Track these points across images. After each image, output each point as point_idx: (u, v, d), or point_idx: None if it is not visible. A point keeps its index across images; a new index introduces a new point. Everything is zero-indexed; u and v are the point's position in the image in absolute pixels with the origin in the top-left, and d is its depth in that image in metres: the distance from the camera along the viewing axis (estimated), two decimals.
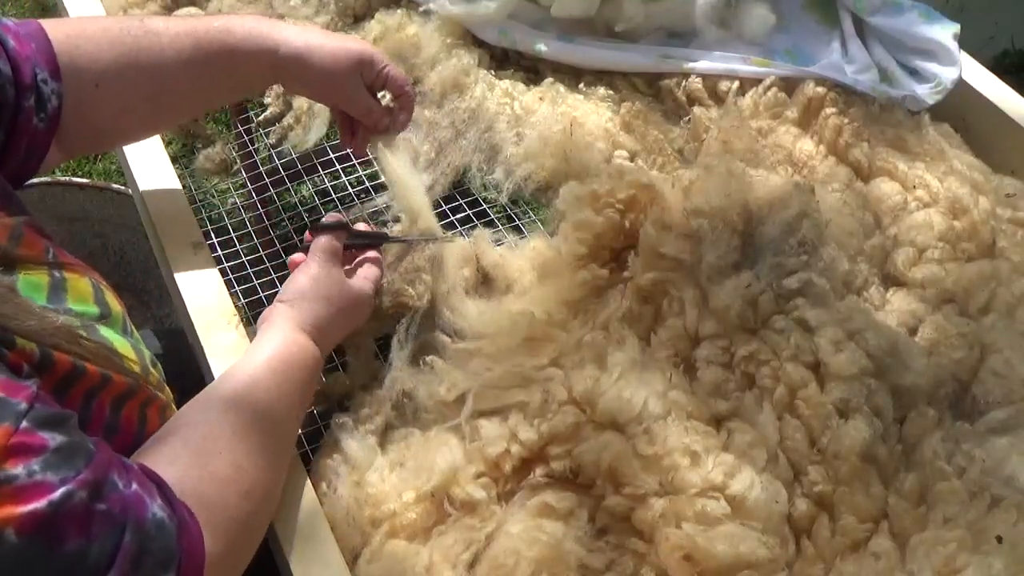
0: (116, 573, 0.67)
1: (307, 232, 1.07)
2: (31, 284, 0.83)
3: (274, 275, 1.27)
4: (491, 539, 0.90)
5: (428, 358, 1.05)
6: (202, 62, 1.03)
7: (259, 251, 1.29)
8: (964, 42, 1.39)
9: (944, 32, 1.39)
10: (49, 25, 0.98)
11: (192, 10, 1.52)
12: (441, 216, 1.32)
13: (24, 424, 0.65)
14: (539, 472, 0.94)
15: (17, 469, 0.63)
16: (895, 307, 1.08)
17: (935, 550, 0.85)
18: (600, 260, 1.09)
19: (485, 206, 1.34)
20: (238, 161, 1.50)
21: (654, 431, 0.92)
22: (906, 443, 0.93)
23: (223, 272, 1.21)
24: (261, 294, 1.25)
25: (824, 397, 0.93)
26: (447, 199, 1.34)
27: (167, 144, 1.33)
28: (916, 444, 0.93)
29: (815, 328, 0.96)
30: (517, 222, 1.36)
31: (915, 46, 1.40)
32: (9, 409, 0.65)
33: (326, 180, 1.45)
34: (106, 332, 0.85)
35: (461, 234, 1.22)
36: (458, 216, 1.32)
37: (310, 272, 1.01)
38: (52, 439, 0.66)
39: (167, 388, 0.92)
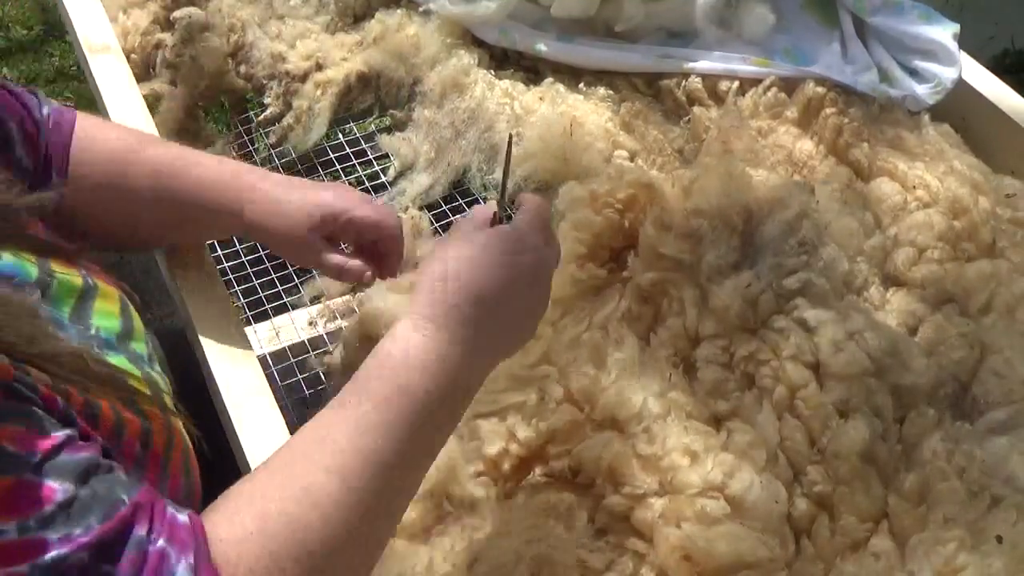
0: None
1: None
2: (64, 286, 0.81)
3: (274, 275, 1.27)
4: (491, 539, 0.90)
5: None
6: (172, 207, 1.02)
7: (259, 251, 1.29)
8: (964, 42, 1.39)
9: (944, 32, 1.39)
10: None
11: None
12: (441, 216, 1.32)
13: (28, 475, 0.60)
14: (538, 471, 0.94)
15: (7, 524, 0.57)
16: (895, 307, 1.08)
17: (935, 550, 0.85)
18: (599, 260, 1.09)
19: (484, 206, 1.34)
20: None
21: (653, 431, 0.92)
22: (906, 443, 0.93)
23: (223, 272, 1.21)
24: (261, 294, 1.25)
25: (824, 397, 0.92)
26: (447, 199, 1.34)
27: None
28: (916, 444, 0.92)
29: (815, 328, 0.96)
30: None
31: (915, 46, 1.40)
32: (18, 460, 0.60)
33: (326, 180, 1.45)
34: (118, 361, 0.82)
35: None
36: (458, 216, 1.32)
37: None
38: (63, 491, 0.60)
39: (181, 423, 0.84)
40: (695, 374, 0.99)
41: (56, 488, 0.60)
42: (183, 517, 0.66)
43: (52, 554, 0.58)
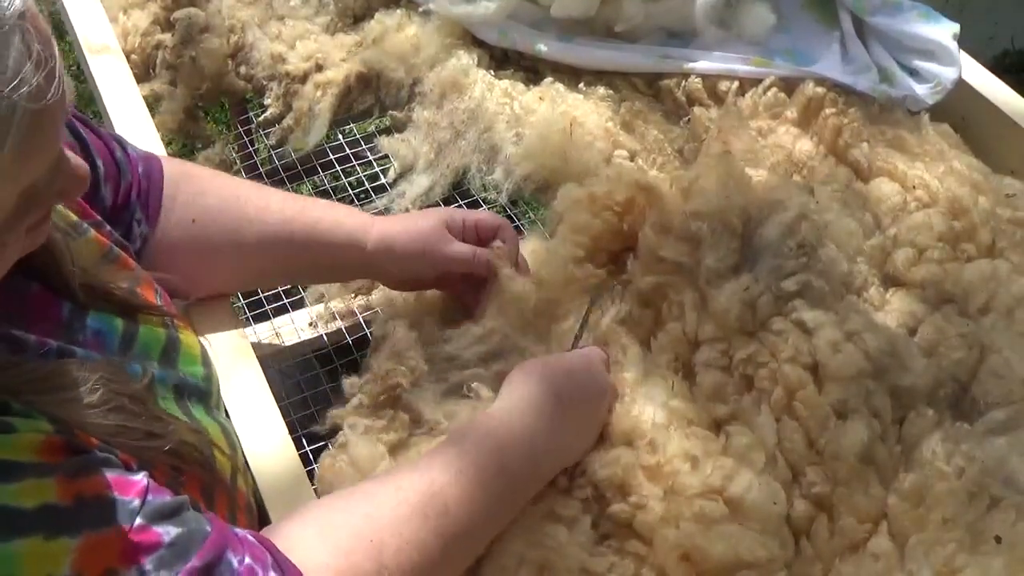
0: None
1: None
2: (150, 337, 0.84)
3: None
4: (494, 541, 0.90)
5: (473, 384, 1.01)
6: (292, 251, 1.04)
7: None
8: (964, 42, 1.39)
9: (944, 32, 1.38)
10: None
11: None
12: None
13: (138, 521, 0.65)
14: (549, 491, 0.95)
15: (130, 570, 0.63)
16: (895, 307, 1.08)
17: (934, 550, 0.85)
18: (597, 262, 1.09)
19: (485, 207, 1.34)
20: (238, 162, 1.51)
21: (657, 441, 0.92)
22: (905, 444, 0.93)
23: None
24: (261, 294, 1.25)
25: (822, 398, 0.92)
26: (447, 201, 1.34)
27: (167, 144, 1.33)
28: (915, 445, 0.92)
29: (813, 329, 0.96)
30: (517, 223, 1.36)
31: (915, 46, 1.40)
32: (123, 508, 0.65)
33: (326, 181, 1.45)
34: (198, 412, 0.85)
35: None
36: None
37: (588, 368, 0.96)
38: (167, 533, 0.66)
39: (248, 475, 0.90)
40: (695, 379, 0.99)
41: (160, 532, 0.65)
42: (251, 536, 0.73)
43: None
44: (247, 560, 0.69)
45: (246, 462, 0.93)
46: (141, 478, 0.67)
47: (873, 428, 0.91)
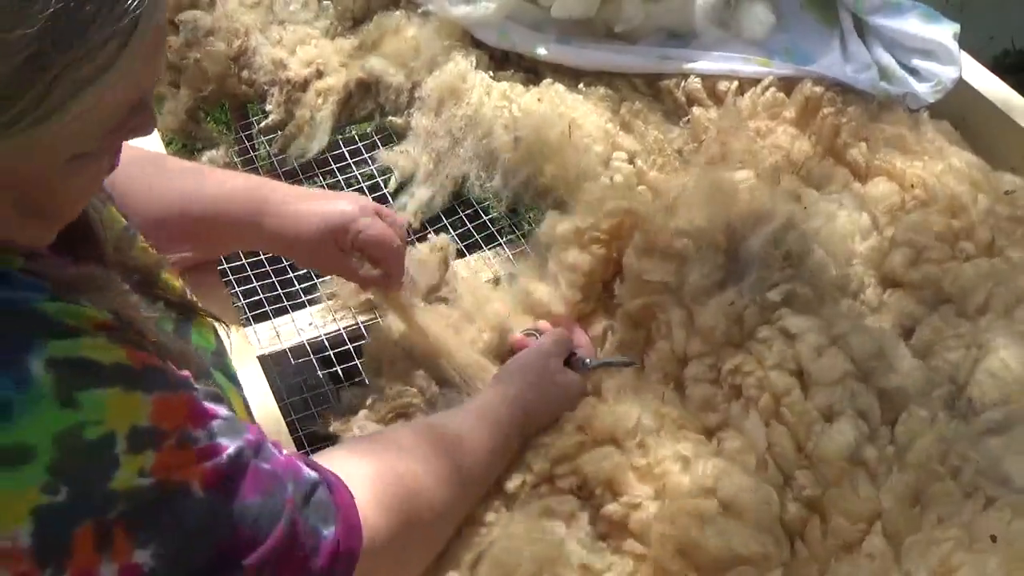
0: (285, 523, 0.72)
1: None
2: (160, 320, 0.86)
3: (274, 277, 1.28)
4: (493, 540, 0.90)
5: None
6: (190, 222, 1.06)
7: (259, 253, 1.29)
8: (964, 42, 1.39)
9: (944, 32, 1.39)
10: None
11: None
12: (442, 231, 1.32)
13: (195, 393, 0.71)
14: (544, 490, 0.96)
15: (199, 432, 0.69)
16: (892, 308, 1.08)
17: (930, 550, 0.85)
18: (594, 299, 1.13)
19: (485, 218, 1.34)
20: (239, 165, 1.51)
21: (648, 444, 0.94)
22: (899, 444, 0.93)
23: (223, 272, 1.21)
24: (261, 295, 1.25)
25: (808, 403, 0.93)
26: (448, 211, 1.34)
27: (167, 144, 1.34)
28: (909, 445, 0.92)
29: (796, 335, 0.97)
30: (516, 233, 1.35)
31: (915, 46, 1.40)
32: (183, 381, 0.71)
33: (326, 187, 1.45)
34: (219, 378, 0.87)
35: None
36: (458, 232, 1.32)
37: (535, 355, 1.05)
38: (220, 410, 0.72)
39: None
40: (685, 393, 1.01)
41: (215, 408, 0.72)
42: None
43: (234, 448, 0.71)
44: (284, 454, 0.77)
45: None
46: (187, 373, 0.73)
47: (861, 429, 0.91)
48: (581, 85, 1.40)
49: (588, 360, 1.07)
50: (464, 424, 0.95)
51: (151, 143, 1.25)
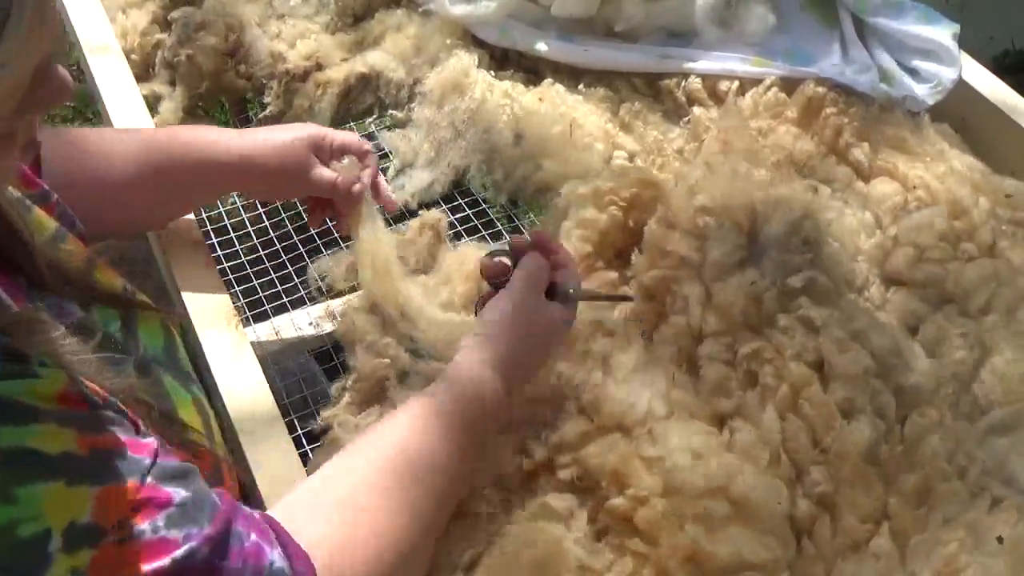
0: None
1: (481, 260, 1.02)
2: (105, 316, 0.84)
3: (274, 275, 1.27)
4: (491, 540, 0.90)
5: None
6: (151, 176, 1.04)
7: (259, 251, 1.29)
8: (964, 42, 1.39)
9: (944, 32, 1.39)
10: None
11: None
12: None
13: (149, 479, 0.66)
14: (544, 481, 0.94)
15: (143, 525, 0.65)
16: (896, 306, 1.08)
17: (936, 550, 0.84)
18: (604, 258, 1.09)
19: (485, 206, 1.34)
20: None
21: (656, 432, 0.91)
22: (907, 443, 0.93)
23: (223, 272, 1.21)
24: (261, 294, 1.25)
25: (828, 396, 0.92)
26: (447, 198, 1.34)
27: None
28: (917, 444, 0.92)
29: (819, 327, 0.95)
30: (517, 222, 1.36)
31: (915, 46, 1.40)
32: (135, 464, 0.66)
33: None
34: (168, 380, 0.84)
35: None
36: (457, 216, 1.32)
37: (510, 301, 0.95)
38: (177, 493, 0.67)
39: (227, 466, 0.89)
40: (699, 372, 0.99)
41: (171, 492, 0.67)
42: (255, 513, 0.74)
43: (184, 548, 0.65)
44: (253, 536, 0.70)
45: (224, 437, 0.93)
46: (151, 440, 0.69)
47: (877, 428, 0.91)
48: (581, 86, 1.40)
49: (573, 289, 0.97)
50: (429, 436, 0.85)
51: None
